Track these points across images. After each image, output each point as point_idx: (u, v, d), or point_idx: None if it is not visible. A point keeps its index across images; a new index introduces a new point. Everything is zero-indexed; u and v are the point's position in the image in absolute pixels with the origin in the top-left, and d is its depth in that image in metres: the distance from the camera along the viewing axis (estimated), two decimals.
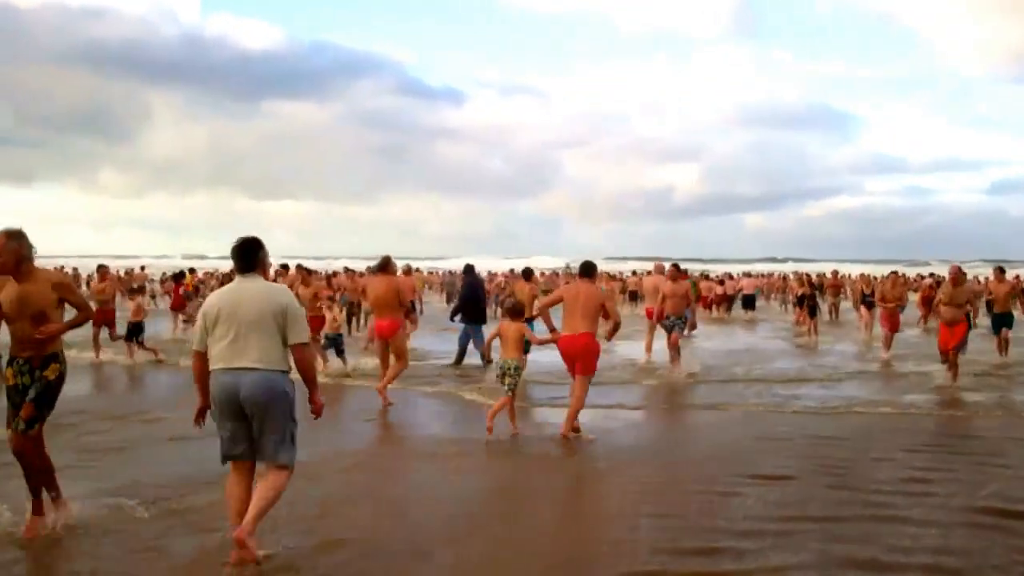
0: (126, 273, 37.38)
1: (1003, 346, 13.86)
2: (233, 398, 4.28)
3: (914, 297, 22.87)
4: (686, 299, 12.76)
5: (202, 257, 72.19)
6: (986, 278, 21.52)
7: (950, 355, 10.96)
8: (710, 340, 16.90)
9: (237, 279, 4.46)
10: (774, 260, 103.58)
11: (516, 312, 8.22)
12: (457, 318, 13.30)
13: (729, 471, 6.46)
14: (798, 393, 10.40)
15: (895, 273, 16.25)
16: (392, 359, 9.51)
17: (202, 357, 4.40)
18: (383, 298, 9.57)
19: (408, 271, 18.85)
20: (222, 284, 15.10)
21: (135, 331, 13.30)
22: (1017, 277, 21.40)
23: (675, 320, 12.44)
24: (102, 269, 15.40)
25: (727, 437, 7.92)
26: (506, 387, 7.77)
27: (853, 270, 44.56)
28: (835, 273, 25.53)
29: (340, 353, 12.17)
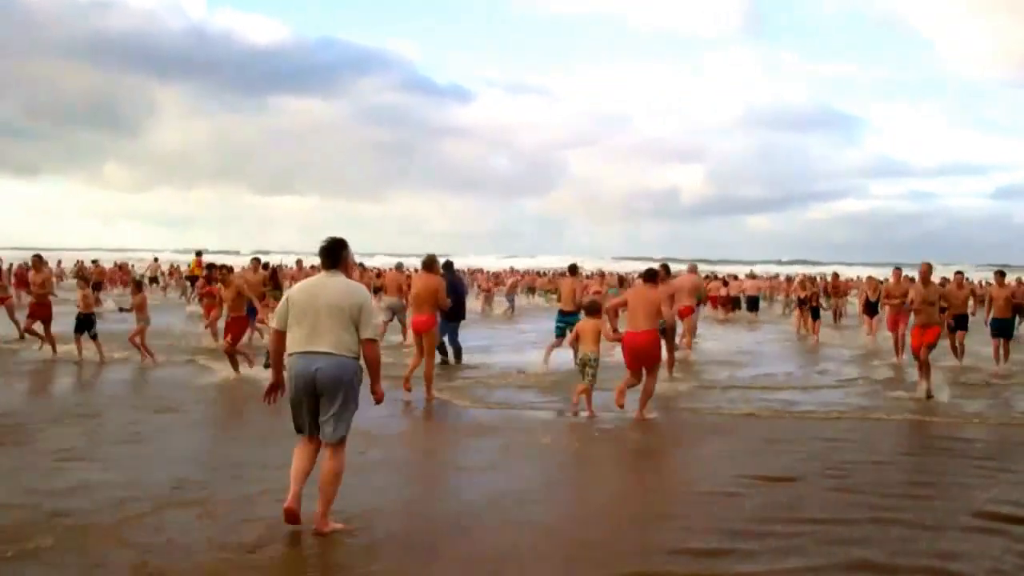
0: (119, 267, 37.52)
1: (1003, 353, 13.55)
2: (308, 379, 4.68)
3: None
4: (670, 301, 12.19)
5: (204, 251, 72.12)
6: (986, 282, 21.29)
7: (920, 354, 10.46)
8: (708, 343, 16.86)
9: (321, 273, 4.89)
10: (779, 262, 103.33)
11: (593, 309, 9.05)
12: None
13: (731, 472, 6.47)
14: (796, 397, 10.36)
15: (898, 270, 15.99)
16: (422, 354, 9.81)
17: (280, 336, 4.82)
18: (423, 295, 9.93)
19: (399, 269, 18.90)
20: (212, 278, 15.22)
21: (85, 325, 12.42)
22: (1019, 280, 21.16)
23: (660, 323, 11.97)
24: (36, 260, 14.48)
25: (727, 439, 7.94)
26: (587, 376, 8.76)
27: (858, 273, 44.32)
28: (835, 276, 25.17)
29: None
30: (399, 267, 17.55)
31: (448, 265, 14.44)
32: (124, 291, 32.39)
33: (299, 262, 25.00)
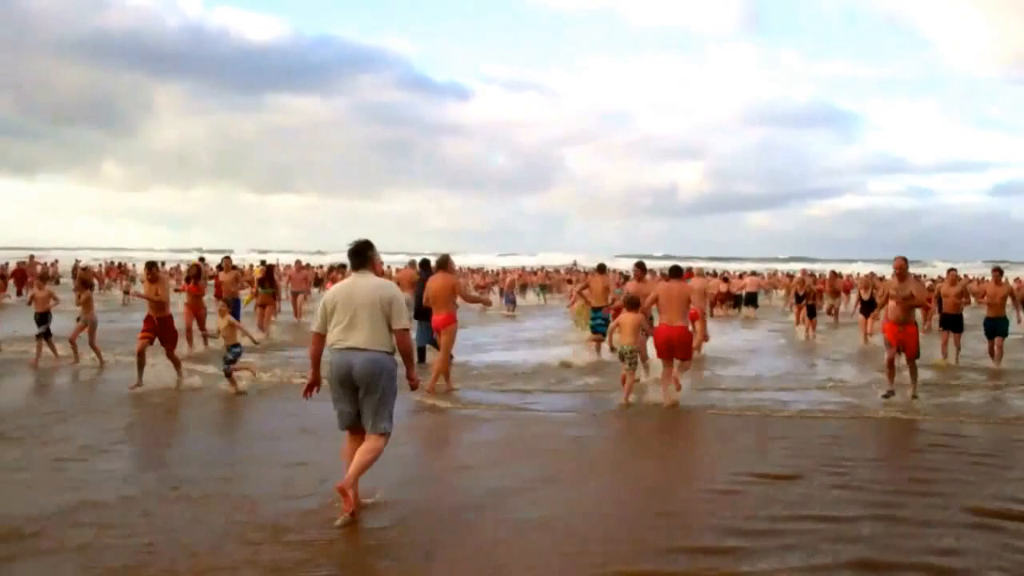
0: (111, 264, 37.38)
1: (996, 353, 13.15)
2: (347, 373, 5.02)
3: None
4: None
5: (199, 249, 72.11)
6: (981, 278, 20.60)
7: (908, 363, 9.88)
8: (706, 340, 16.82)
9: (352, 275, 5.23)
10: (776, 260, 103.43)
11: (633, 304, 9.64)
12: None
13: (729, 470, 6.47)
14: (795, 396, 10.32)
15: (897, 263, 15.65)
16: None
17: (320, 339, 5.16)
18: (439, 294, 10.28)
19: (412, 266, 18.88)
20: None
21: (40, 323, 12.06)
22: (1019, 280, 21.04)
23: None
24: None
25: (725, 437, 7.94)
26: (627, 365, 9.46)
27: (858, 270, 44.22)
28: (833, 274, 24.92)
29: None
30: (413, 264, 17.53)
31: (424, 264, 14.20)
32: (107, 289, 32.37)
33: (298, 262, 24.99)
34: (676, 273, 9.97)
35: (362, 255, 5.21)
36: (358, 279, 5.16)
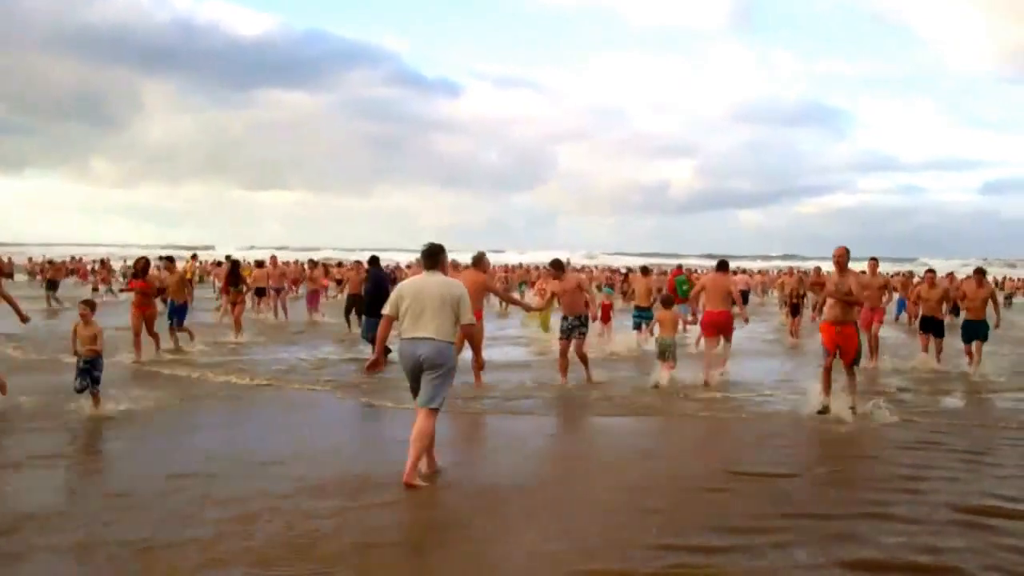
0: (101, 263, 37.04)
1: (975, 358, 12.23)
2: (414, 359, 5.67)
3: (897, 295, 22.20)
4: (580, 295, 10.80)
5: (187, 247, 71.87)
6: (961, 278, 19.54)
7: (845, 368, 8.84)
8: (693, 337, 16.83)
9: (424, 273, 5.84)
10: (768, 257, 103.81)
11: (668, 302, 11.42)
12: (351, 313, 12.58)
13: (718, 468, 6.48)
14: (779, 395, 10.26)
15: (874, 260, 13.92)
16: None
17: (390, 321, 5.81)
18: (471, 291, 10.09)
19: (312, 263, 19.02)
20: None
21: None
22: (1005, 278, 20.62)
23: (572, 322, 10.67)
24: None
25: (715, 437, 7.95)
26: (668, 356, 10.78)
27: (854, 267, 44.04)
28: (817, 271, 24.53)
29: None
30: (455, 265, 17.37)
31: (374, 260, 13.99)
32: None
33: (273, 258, 23.91)
34: (722, 267, 11.74)
35: (434, 257, 5.87)
36: (428, 277, 5.77)
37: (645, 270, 15.90)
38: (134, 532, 4.78)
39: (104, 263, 37.07)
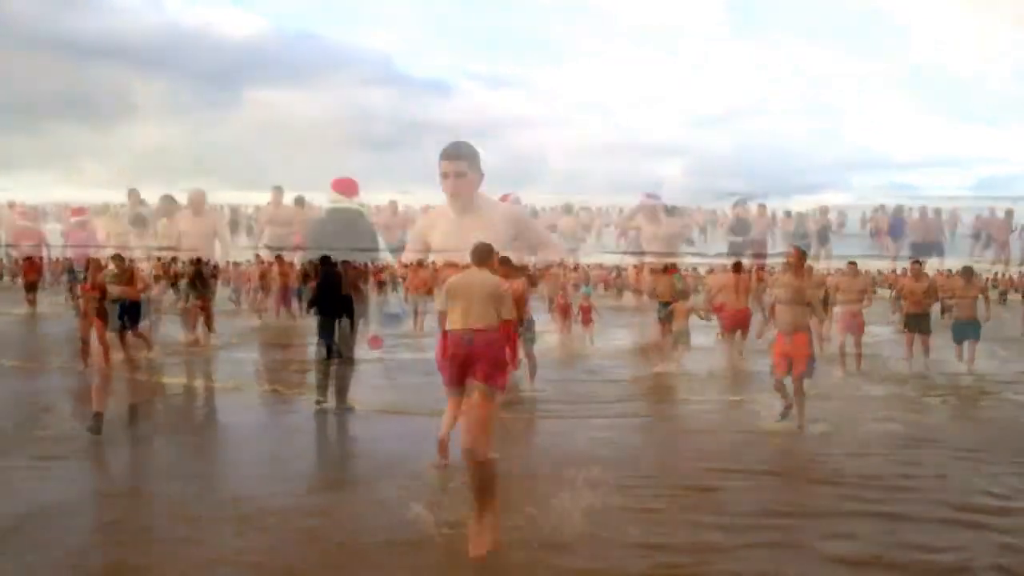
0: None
1: (969, 358, 11.78)
2: (462, 350, 5.91)
3: (886, 293, 21.50)
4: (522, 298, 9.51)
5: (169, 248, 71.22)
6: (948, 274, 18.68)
7: (793, 381, 7.88)
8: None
9: (472, 268, 6.21)
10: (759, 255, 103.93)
11: (682, 296, 12.99)
12: (312, 310, 12.02)
13: (706, 467, 6.42)
14: (766, 393, 10.15)
15: (853, 264, 12.85)
16: None
17: (444, 315, 6.18)
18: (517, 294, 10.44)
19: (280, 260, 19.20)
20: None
21: None
22: (995, 275, 19.97)
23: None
24: None
25: (706, 435, 7.89)
26: (681, 343, 12.18)
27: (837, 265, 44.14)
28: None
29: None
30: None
31: (325, 259, 12.86)
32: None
33: (279, 258, 23.69)
34: (739, 268, 12.68)
35: (484, 255, 6.26)
36: (477, 274, 6.15)
37: (666, 268, 16.03)
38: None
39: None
